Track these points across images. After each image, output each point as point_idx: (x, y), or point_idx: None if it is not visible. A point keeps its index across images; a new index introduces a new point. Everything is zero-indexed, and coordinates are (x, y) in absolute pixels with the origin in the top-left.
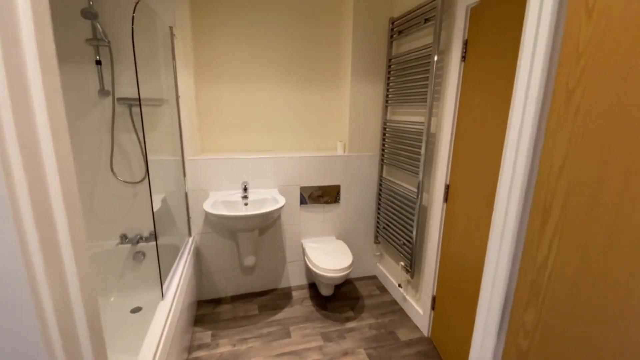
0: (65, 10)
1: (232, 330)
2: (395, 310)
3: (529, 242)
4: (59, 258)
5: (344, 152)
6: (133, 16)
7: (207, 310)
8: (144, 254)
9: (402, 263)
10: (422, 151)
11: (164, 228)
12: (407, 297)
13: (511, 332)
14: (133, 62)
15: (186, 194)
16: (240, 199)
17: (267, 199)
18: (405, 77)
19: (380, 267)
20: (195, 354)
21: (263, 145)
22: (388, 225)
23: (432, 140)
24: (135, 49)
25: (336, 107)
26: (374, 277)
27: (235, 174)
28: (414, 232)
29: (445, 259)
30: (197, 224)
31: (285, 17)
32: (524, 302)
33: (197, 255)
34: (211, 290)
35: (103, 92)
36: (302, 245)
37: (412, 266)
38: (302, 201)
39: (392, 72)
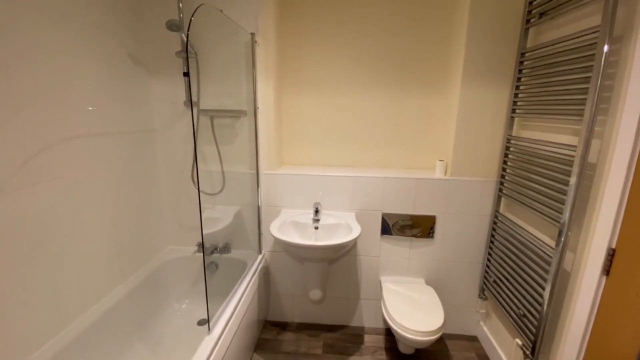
0: (161, 24)
1: None
2: None
3: None
4: None
5: (445, 174)
6: (191, 20)
7: (270, 335)
8: (217, 265)
9: (519, 341)
10: (571, 189)
11: (233, 242)
12: None
13: None
14: (217, 73)
15: (259, 209)
16: (311, 221)
17: (341, 224)
18: (547, 77)
19: (485, 328)
20: None
21: (345, 160)
22: (501, 281)
23: (589, 175)
24: (215, 59)
25: (438, 117)
26: (474, 339)
27: (309, 192)
28: (544, 306)
29: (597, 357)
30: (269, 241)
31: (380, 12)
32: None
33: (266, 275)
34: (278, 313)
35: (189, 103)
36: (380, 284)
37: (536, 351)
38: (385, 230)
39: (524, 71)
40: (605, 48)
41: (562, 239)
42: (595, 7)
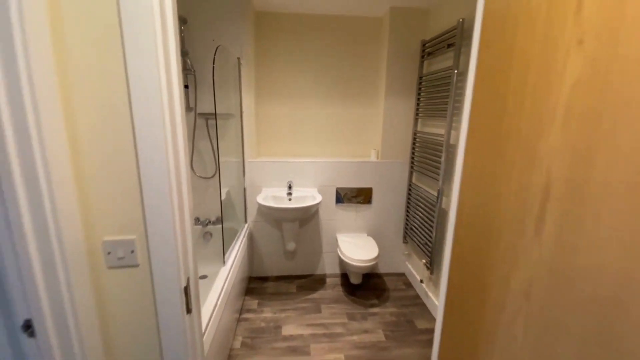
0: None
1: (274, 302)
2: (417, 303)
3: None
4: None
5: (377, 158)
6: (214, 57)
7: (256, 285)
8: (211, 234)
9: (424, 260)
10: (442, 160)
11: (227, 215)
12: (429, 293)
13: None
14: (211, 86)
15: (244, 189)
16: (286, 195)
17: (308, 196)
18: (432, 94)
19: (409, 265)
20: (245, 315)
21: (307, 151)
22: (415, 227)
23: (451, 152)
24: (210, 75)
25: (371, 119)
26: (402, 275)
27: (283, 174)
28: (434, 233)
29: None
30: (252, 213)
31: (330, 45)
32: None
33: (251, 239)
34: (260, 269)
35: (188, 108)
36: (336, 239)
37: (432, 264)
38: (338, 200)
39: (422, 89)
40: (455, 79)
41: (440, 191)
42: (452, 53)
